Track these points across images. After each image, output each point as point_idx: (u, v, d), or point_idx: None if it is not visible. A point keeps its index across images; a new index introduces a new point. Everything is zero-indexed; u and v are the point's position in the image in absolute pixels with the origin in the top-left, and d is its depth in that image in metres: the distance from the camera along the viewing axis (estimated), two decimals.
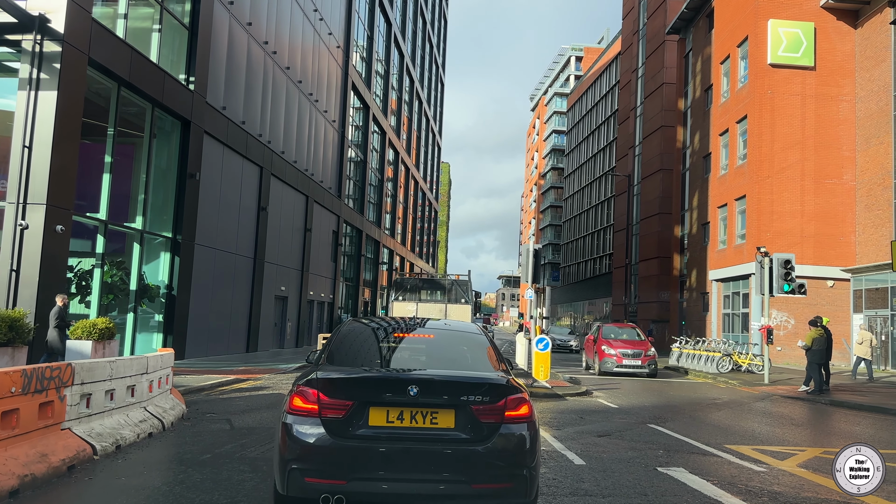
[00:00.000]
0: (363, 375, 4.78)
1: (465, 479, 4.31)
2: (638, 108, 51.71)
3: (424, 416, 4.42)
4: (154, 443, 7.87)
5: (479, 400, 4.47)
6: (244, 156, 23.75)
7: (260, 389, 14.05)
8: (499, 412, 4.46)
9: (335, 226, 35.74)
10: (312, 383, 4.55)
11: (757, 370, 21.86)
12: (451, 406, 4.46)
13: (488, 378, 4.77)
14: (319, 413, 4.40)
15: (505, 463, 4.41)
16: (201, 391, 13.41)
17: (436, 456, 4.34)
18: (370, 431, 4.38)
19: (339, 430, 4.36)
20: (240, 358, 22.10)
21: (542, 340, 14.51)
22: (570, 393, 14.09)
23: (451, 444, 4.39)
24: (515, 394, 4.59)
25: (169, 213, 19.55)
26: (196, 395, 12.85)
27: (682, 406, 13.76)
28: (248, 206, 24.37)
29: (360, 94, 39.10)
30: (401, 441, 4.37)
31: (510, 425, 4.46)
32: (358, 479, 4.28)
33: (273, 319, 27.69)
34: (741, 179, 31.75)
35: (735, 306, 32.69)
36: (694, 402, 14.54)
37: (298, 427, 4.42)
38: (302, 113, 29.87)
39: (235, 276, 23.61)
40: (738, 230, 32.21)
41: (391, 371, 5.05)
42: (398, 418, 4.42)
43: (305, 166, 30.44)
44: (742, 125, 32.17)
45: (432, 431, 4.41)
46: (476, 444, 4.38)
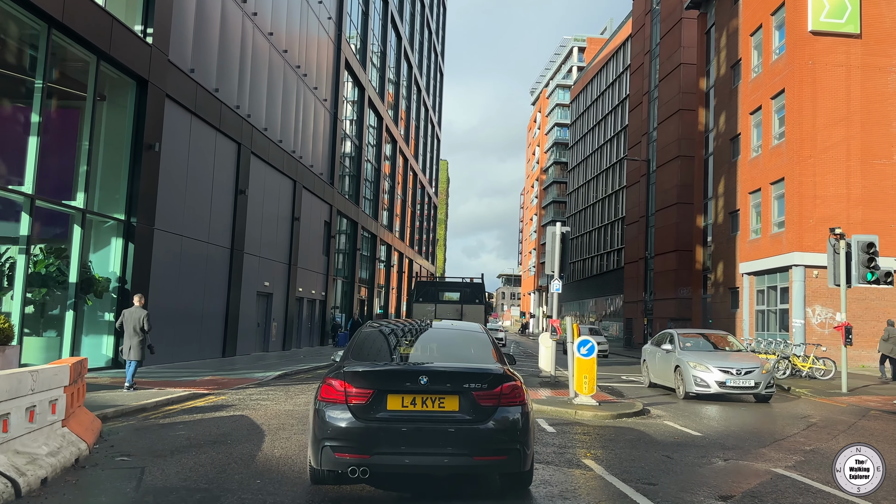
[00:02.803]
0: (382, 368, 5.71)
1: (467, 452, 5.15)
2: (652, 91, 48.46)
3: (433, 401, 5.23)
4: None
5: (479, 387, 5.26)
6: (217, 129, 20.45)
7: (219, 409, 10.77)
8: (496, 397, 5.27)
9: (327, 216, 32.44)
10: (339, 375, 5.38)
11: (820, 376, 18.62)
12: (455, 392, 5.25)
13: (487, 368, 5.57)
14: (346, 400, 5.23)
15: (501, 439, 5.22)
16: (139, 413, 10.14)
17: (443, 434, 5.17)
18: (388, 414, 5.20)
19: (363, 413, 5.18)
20: (214, 364, 18.82)
21: (586, 343, 11.24)
22: (625, 413, 10.83)
23: (455, 424, 5.20)
24: (510, 381, 5.42)
25: (121, 191, 16.25)
26: (128, 419, 9.57)
27: (777, 430, 10.52)
28: (223, 187, 21.08)
29: (354, 73, 35.79)
30: (414, 422, 5.19)
31: (506, 408, 5.26)
32: (379, 453, 5.11)
33: (255, 319, 24.39)
34: (778, 161, 28.51)
35: (770, 302, 29.44)
36: (785, 422, 11.29)
37: (329, 412, 5.24)
38: (288, 87, 26.56)
39: (208, 269, 20.32)
40: (775, 217, 28.96)
41: (405, 364, 5.97)
42: (411, 403, 5.22)
43: (293, 148, 27.15)
44: (778, 101, 28.93)
45: (440, 414, 5.23)
46: (476, 423, 5.19)
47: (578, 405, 11.11)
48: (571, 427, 9.79)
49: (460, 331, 6.96)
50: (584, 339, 11.27)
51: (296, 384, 15.17)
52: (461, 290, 28.26)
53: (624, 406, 11.52)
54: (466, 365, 5.70)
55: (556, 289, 15.77)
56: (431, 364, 5.78)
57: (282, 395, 12.66)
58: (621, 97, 63.22)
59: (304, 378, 16.75)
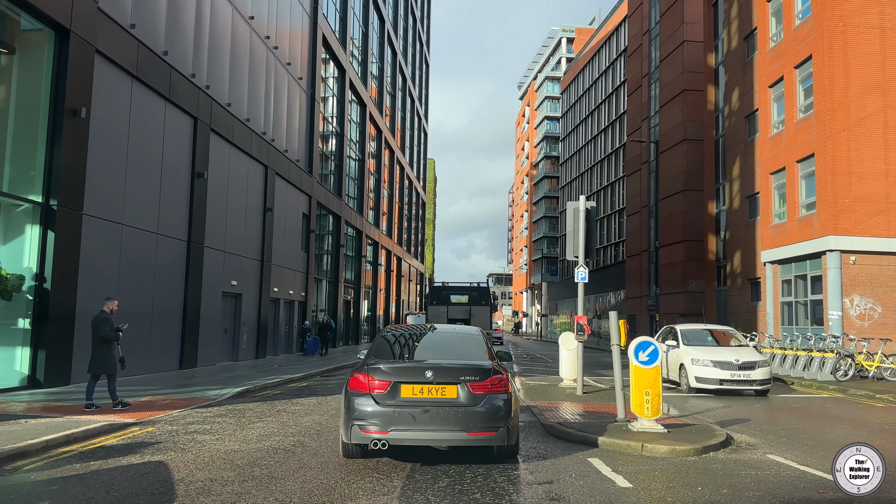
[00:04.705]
0: (397, 365, 6.95)
1: (463, 429, 6.52)
2: (652, 73, 45.60)
3: (437, 390, 6.63)
4: None
5: (473, 379, 6.66)
6: (168, 98, 17.24)
7: (132, 452, 7.60)
8: (486, 386, 6.65)
9: (306, 208, 29.24)
10: (364, 370, 6.81)
11: (889, 376, 15.68)
12: (454, 383, 6.65)
13: (480, 364, 6.90)
14: (370, 389, 6.66)
15: (490, 419, 6.56)
16: (14, 460, 6.97)
17: (444, 415, 6.54)
18: (402, 400, 6.62)
19: (382, 400, 6.62)
20: (166, 379, 15.62)
21: (647, 346, 8.07)
22: (710, 444, 7.65)
23: (454, 407, 6.58)
24: (498, 375, 6.79)
25: (37, 167, 13.02)
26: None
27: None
28: (175, 169, 17.87)
29: (333, 52, 32.60)
30: (421, 406, 6.58)
31: (494, 395, 6.65)
32: (395, 430, 6.52)
33: (222, 324, 21.18)
34: (806, 135, 25.64)
35: (799, 293, 26.54)
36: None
37: (356, 399, 6.68)
38: (257, 60, 23.37)
39: (159, 265, 17.10)
40: (803, 198, 26.09)
41: (415, 362, 7.31)
42: (420, 392, 6.63)
43: (263, 129, 23.95)
44: (804, 69, 26.08)
45: (442, 400, 6.61)
46: (471, 407, 6.58)
47: (642, 434, 8.01)
48: (650, 475, 6.68)
49: (460, 334, 8.27)
50: (643, 340, 8.15)
51: (257, 403, 12.02)
52: (469, 294, 31.03)
53: (700, 433, 8.30)
54: (463, 362, 6.98)
55: (581, 277, 12.72)
56: (435, 361, 6.99)
57: (231, 424, 9.51)
58: (616, 84, 60.39)
59: (269, 395, 13.54)
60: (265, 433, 8.74)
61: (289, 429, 9.12)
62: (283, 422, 9.73)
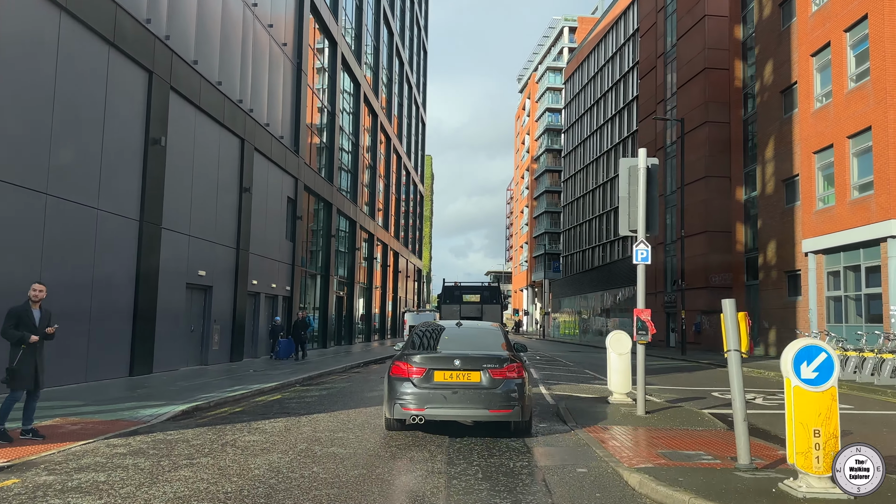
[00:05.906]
0: (431, 355, 8.28)
1: (485, 407, 7.80)
2: (668, 53, 42.43)
3: (463, 375, 7.94)
4: None
5: (493, 366, 7.96)
6: (111, 43, 13.98)
7: None
8: (504, 372, 7.94)
9: (291, 191, 25.99)
10: (403, 359, 8.22)
11: None
12: (477, 369, 7.95)
13: (498, 354, 8.21)
14: (409, 375, 8.06)
15: (507, 398, 7.82)
16: None
17: (469, 395, 7.85)
18: (435, 384, 7.97)
19: (419, 383, 8.00)
20: (107, 389, 12.40)
21: (815, 354, 4.69)
22: None
23: (477, 390, 7.87)
24: (513, 363, 8.05)
25: None
26: None
27: None
28: (123, 131, 14.61)
29: (322, 20, 29.35)
30: (451, 388, 7.90)
31: (510, 379, 7.92)
32: (430, 407, 7.84)
33: (187, 321, 17.93)
34: (859, 107, 22.49)
35: (849, 286, 23.40)
36: None
37: (398, 383, 8.06)
38: (231, 15, 20.13)
39: (101, 248, 13.85)
40: (855, 179, 22.94)
41: (445, 352, 8.43)
42: (450, 377, 7.97)
43: (239, 96, 20.72)
44: (856, 33, 22.95)
45: (467, 383, 7.90)
46: (491, 389, 7.85)
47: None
48: None
49: (482, 328, 9.74)
50: (808, 344, 4.84)
51: (202, 429, 8.71)
52: (481, 293, 32.00)
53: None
54: (485, 352, 8.33)
55: (642, 257, 9.52)
56: (463, 351, 8.31)
57: (141, 472, 6.16)
58: (625, 69, 57.20)
59: (224, 415, 10.13)
60: (183, 493, 5.49)
61: (223, 484, 5.82)
62: (223, 467, 6.43)
